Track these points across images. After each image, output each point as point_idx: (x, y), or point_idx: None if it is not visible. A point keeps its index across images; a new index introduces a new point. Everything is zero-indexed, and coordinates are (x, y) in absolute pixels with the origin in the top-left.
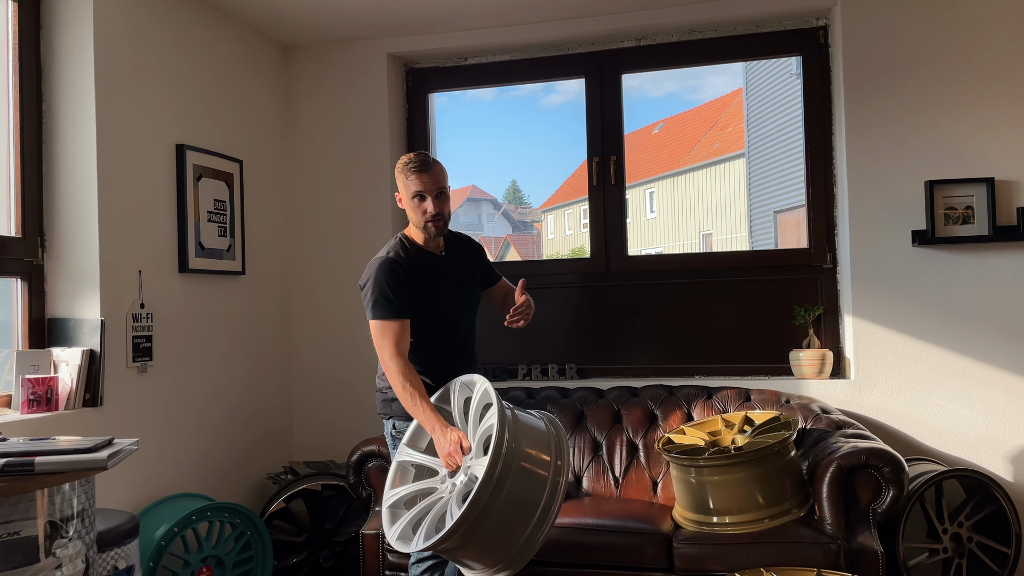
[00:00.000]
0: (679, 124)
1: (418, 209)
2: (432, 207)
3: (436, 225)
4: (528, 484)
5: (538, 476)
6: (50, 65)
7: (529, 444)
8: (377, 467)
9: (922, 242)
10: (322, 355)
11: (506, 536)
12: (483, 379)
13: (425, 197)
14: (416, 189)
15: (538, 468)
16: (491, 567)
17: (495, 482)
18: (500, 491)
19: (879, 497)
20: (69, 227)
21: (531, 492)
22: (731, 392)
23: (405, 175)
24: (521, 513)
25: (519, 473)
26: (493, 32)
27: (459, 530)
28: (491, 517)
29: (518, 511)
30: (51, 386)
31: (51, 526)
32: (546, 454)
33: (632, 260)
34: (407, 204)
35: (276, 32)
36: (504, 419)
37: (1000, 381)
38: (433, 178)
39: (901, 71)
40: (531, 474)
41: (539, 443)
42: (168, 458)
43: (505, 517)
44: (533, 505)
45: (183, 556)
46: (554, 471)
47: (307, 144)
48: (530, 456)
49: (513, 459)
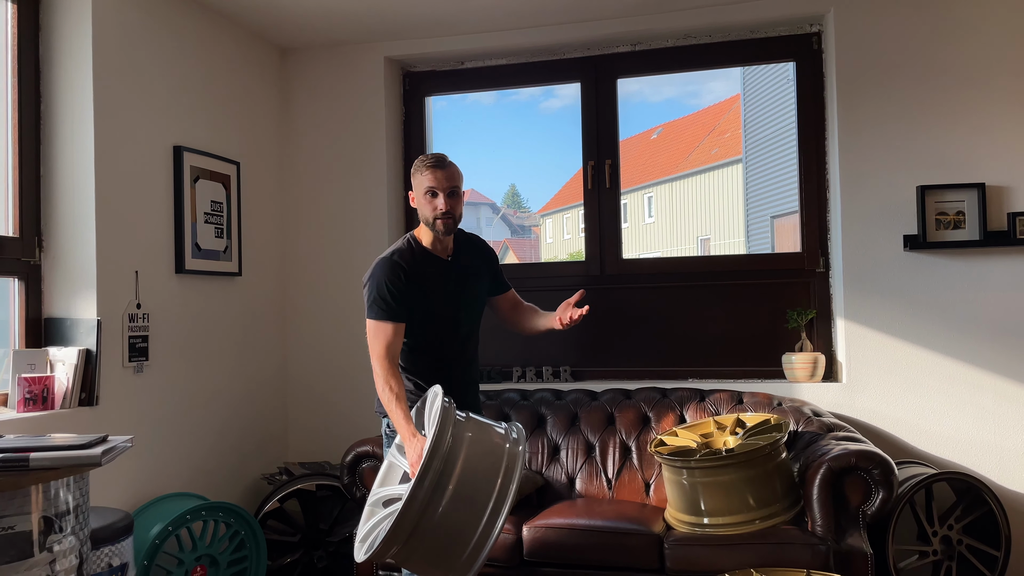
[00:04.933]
0: (678, 129)
1: (429, 205)
2: (443, 204)
3: (445, 223)
4: (463, 511)
5: (476, 502)
6: (48, 66)
7: (471, 464)
8: (371, 467)
9: (913, 247)
10: (317, 357)
11: (445, 553)
12: (437, 393)
13: (437, 194)
14: (429, 185)
15: (479, 486)
16: None
17: (421, 506)
18: (433, 512)
19: (869, 499)
20: (66, 227)
21: (465, 519)
22: (724, 395)
23: (420, 171)
24: (457, 532)
25: (454, 495)
26: (490, 36)
27: (386, 551)
28: (424, 536)
29: (453, 531)
30: (47, 385)
31: (45, 521)
32: (492, 471)
33: (627, 263)
34: (419, 201)
35: (274, 35)
36: (441, 437)
37: (991, 385)
38: (447, 176)
39: (893, 77)
40: (468, 500)
41: (484, 461)
42: (163, 458)
43: (439, 537)
44: (467, 532)
45: (177, 555)
46: (497, 496)
47: (304, 146)
48: (469, 475)
49: (447, 480)
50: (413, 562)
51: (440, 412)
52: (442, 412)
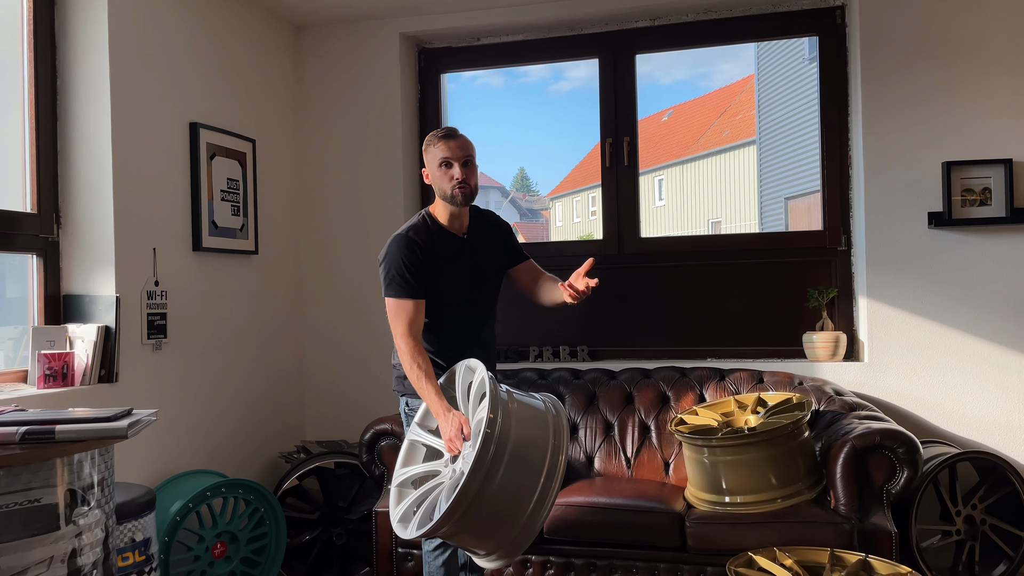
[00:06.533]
0: (689, 111)
1: (445, 176)
2: (459, 173)
3: (463, 191)
4: (521, 474)
5: (533, 465)
6: (65, 43)
7: (523, 434)
8: (390, 445)
9: (938, 224)
10: (333, 334)
11: (500, 525)
12: (481, 366)
13: (452, 164)
14: (443, 156)
15: (533, 457)
16: (491, 552)
17: (483, 475)
18: (491, 482)
19: (893, 478)
20: (84, 204)
21: (524, 482)
22: (744, 374)
23: (432, 144)
24: (514, 503)
25: (511, 464)
26: (506, 12)
27: (447, 522)
28: (483, 507)
29: (510, 501)
30: (67, 362)
31: (71, 494)
32: (543, 442)
33: (645, 242)
34: (434, 175)
35: (289, 11)
36: (496, 408)
37: (1016, 364)
38: (460, 145)
39: (918, 51)
40: (524, 464)
41: (535, 433)
42: (182, 434)
43: (498, 507)
44: (527, 494)
45: (198, 531)
46: (551, 459)
47: (319, 123)
48: (524, 446)
49: (504, 450)
50: (465, 535)
51: (489, 383)
52: (490, 383)
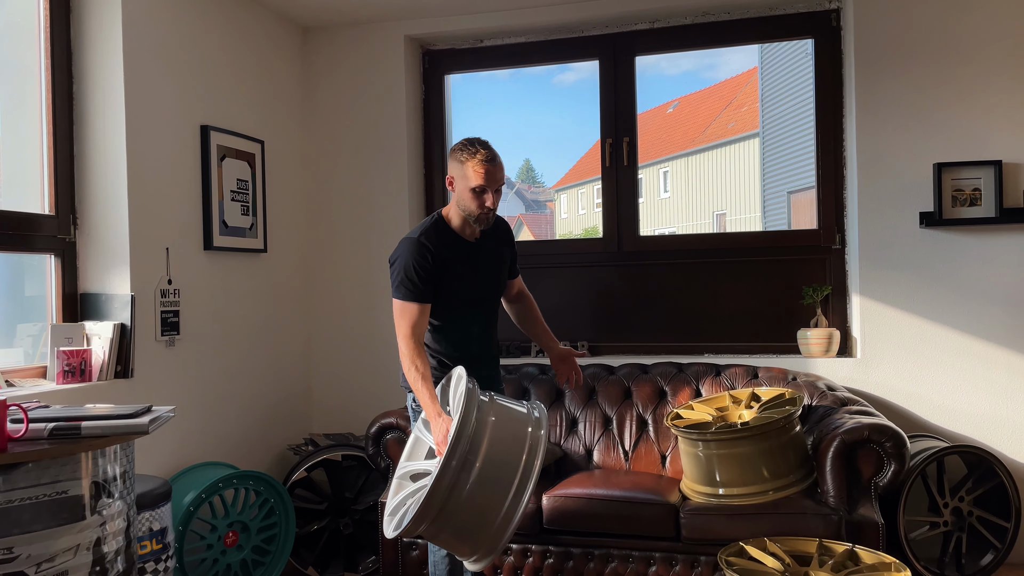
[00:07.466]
0: (694, 103)
1: (476, 201)
2: (492, 202)
3: (488, 217)
4: (488, 491)
5: (502, 482)
6: (80, 47)
7: (494, 453)
8: (395, 439)
9: (929, 224)
10: (340, 330)
11: (468, 534)
12: (465, 378)
13: (487, 191)
14: (479, 183)
15: (503, 476)
16: (468, 556)
17: (445, 492)
18: (458, 495)
19: (881, 471)
20: (100, 205)
21: (491, 499)
22: (739, 369)
23: (471, 163)
24: (479, 517)
25: (477, 483)
26: (509, 14)
27: (415, 529)
28: (449, 519)
29: (475, 516)
30: (84, 358)
31: (95, 487)
32: (515, 460)
33: (644, 240)
34: (463, 192)
35: (296, 14)
36: (462, 427)
37: (1004, 360)
38: (500, 173)
39: (911, 54)
40: (493, 481)
41: (511, 447)
42: (194, 428)
43: (464, 520)
44: (493, 511)
45: (211, 521)
46: (521, 476)
47: (326, 124)
48: (493, 466)
49: (471, 468)
50: (442, 538)
51: (464, 396)
52: (467, 395)
